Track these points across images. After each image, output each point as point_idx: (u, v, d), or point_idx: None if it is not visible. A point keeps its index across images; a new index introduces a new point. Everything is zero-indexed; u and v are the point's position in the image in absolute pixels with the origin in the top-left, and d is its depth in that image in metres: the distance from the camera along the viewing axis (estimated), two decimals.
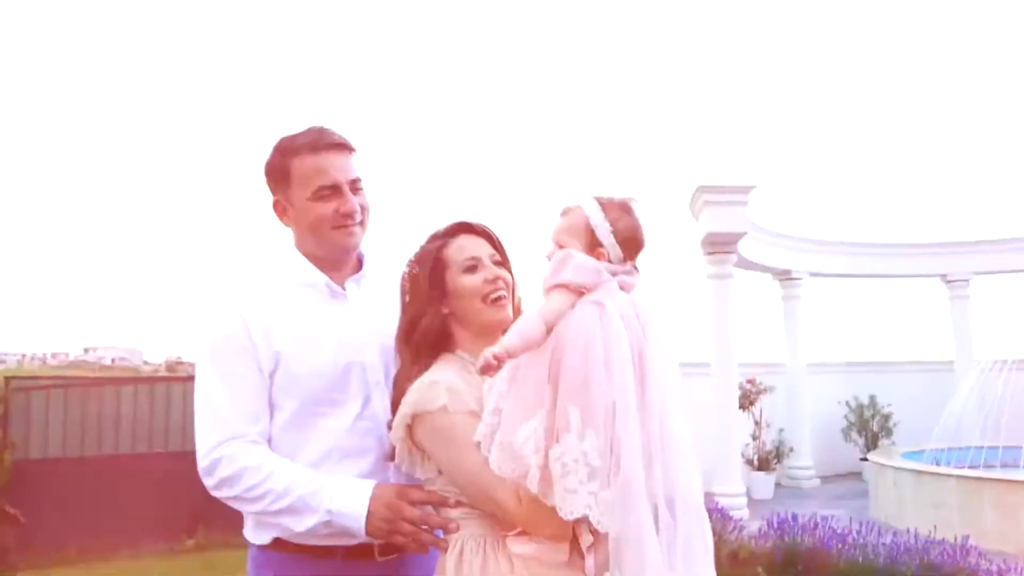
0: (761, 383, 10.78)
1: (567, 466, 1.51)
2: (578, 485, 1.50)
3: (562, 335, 1.61)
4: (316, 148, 1.96)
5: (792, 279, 11.73)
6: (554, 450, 1.53)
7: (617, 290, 1.71)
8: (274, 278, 2.02)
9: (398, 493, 1.76)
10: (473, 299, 1.83)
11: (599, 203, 1.79)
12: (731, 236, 9.06)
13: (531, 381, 1.59)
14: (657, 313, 1.73)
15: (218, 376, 1.88)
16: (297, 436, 1.88)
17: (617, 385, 1.56)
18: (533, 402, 1.57)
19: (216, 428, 1.84)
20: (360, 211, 1.98)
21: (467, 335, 1.86)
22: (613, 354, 1.58)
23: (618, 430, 1.54)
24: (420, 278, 1.86)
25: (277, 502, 1.77)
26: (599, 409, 1.54)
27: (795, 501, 10.00)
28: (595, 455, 1.51)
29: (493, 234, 1.95)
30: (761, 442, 10.80)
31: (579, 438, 1.51)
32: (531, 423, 1.55)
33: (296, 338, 1.90)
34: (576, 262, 1.68)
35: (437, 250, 1.88)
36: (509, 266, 1.94)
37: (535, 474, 1.53)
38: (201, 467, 1.84)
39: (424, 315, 1.83)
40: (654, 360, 1.65)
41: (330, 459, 1.86)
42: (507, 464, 1.56)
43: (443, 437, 1.70)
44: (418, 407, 1.70)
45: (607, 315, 1.62)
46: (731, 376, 9.33)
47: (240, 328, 1.88)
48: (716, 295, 9.43)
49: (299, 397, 1.88)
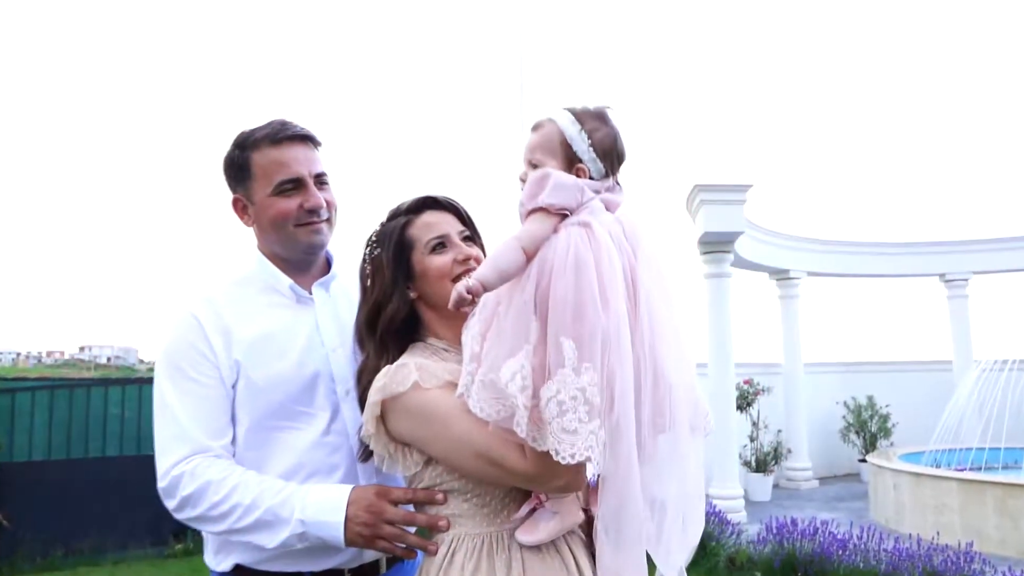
0: (759, 384, 10.68)
1: (564, 404, 1.36)
2: (578, 424, 1.36)
3: (548, 261, 1.47)
4: (277, 140, 1.82)
5: (790, 278, 11.62)
6: (547, 387, 1.38)
7: (603, 209, 1.58)
8: (236, 282, 1.88)
9: (378, 493, 1.62)
10: (443, 281, 1.67)
11: (573, 114, 1.64)
12: (728, 235, 8.93)
13: (513, 314, 1.45)
14: (646, 230, 1.59)
15: (176, 387, 1.73)
16: (256, 454, 1.74)
17: (612, 313, 1.42)
18: (517, 337, 1.43)
19: (176, 443, 1.70)
20: (327, 207, 1.85)
21: (438, 320, 1.71)
22: (606, 279, 1.44)
23: (612, 362, 1.41)
24: (383, 260, 1.71)
25: (245, 517, 1.62)
26: (596, 340, 1.40)
27: (793, 503, 9.94)
28: (594, 391, 1.37)
29: (461, 208, 1.79)
30: (759, 443, 10.69)
31: (575, 373, 1.38)
32: (517, 359, 1.41)
33: (255, 346, 1.76)
34: (555, 181, 1.53)
35: (400, 228, 1.72)
36: (481, 242, 1.79)
37: (523, 415, 1.38)
38: (161, 487, 1.69)
39: (389, 301, 1.68)
40: (646, 283, 1.51)
41: (295, 477, 1.71)
42: (490, 406, 1.42)
43: (422, 415, 1.54)
44: (387, 391, 1.54)
45: (596, 237, 1.48)
46: (728, 377, 9.21)
47: (198, 335, 1.75)
48: (713, 295, 9.30)
49: (258, 410, 1.74)
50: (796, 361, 11.57)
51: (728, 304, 9.31)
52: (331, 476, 1.73)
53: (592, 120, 1.63)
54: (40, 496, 7.71)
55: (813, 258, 11.69)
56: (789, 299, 11.76)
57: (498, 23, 11.24)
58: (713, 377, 9.14)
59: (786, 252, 11.29)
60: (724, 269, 9.32)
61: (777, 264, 11.18)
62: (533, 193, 1.54)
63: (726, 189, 8.77)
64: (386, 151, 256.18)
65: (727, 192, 8.76)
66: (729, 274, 9.42)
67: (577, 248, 1.46)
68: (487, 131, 19.18)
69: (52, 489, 7.77)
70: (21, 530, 7.42)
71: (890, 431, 11.71)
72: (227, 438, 1.73)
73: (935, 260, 12.14)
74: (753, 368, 11.05)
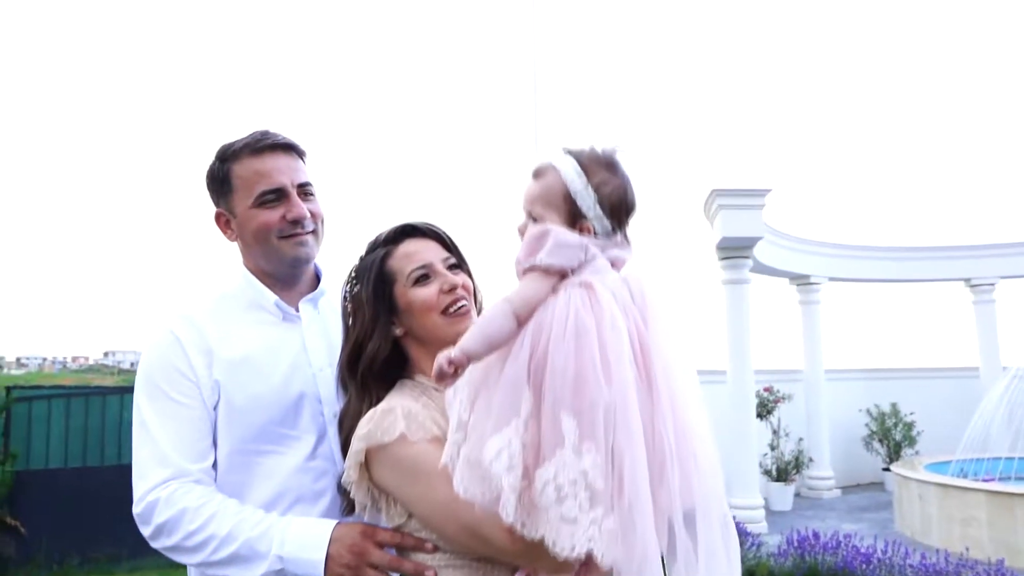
0: (779, 391, 10.50)
1: (563, 489, 1.23)
2: (579, 512, 1.22)
3: (545, 326, 1.34)
4: (257, 150, 1.75)
5: (810, 284, 11.42)
6: (544, 470, 1.25)
7: (608, 268, 1.44)
8: (220, 299, 1.80)
9: (363, 533, 1.52)
10: (429, 314, 1.57)
11: (578, 162, 1.48)
12: (746, 241, 8.79)
13: (504, 384, 1.31)
14: (657, 292, 1.45)
15: (155, 407, 1.66)
16: (238, 478, 1.66)
17: (616, 385, 1.29)
18: (506, 410, 1.30)
19: (154, 467, 1.62)
20: (311, 218, 1.76)
21: (427, 357, 1.56)
22: (609, 346, 1.31)
23: (619, 440, 1.27)
24: (362, 296, 1.60)
25: (221, 549, 1.54)
26: (598, 416, 1.26)
27: (815, 513, 9.76)
28: (596, 475, 1.23)
29: (443, 233, 1.67)
30: (779, 452, 10.49)
31: (576, 453, 1.24)
32: (504, 434, 1.28)
33: (236, 366, 1.68)
34: (555, 240, 1.40)
35: (380, 261, 1.61)
36: (467, 267, 1.68)
37: (509, 498, 1.25)
38: (136, 513, 1.61)
39: (370, 339, 1.57)
40: (659, 348, 1.38)
41: (278, 505, 1.63)
42: (475, 485, 1.29)
43: (406, 471, 1.44)
44: (372, 440, 1.44)
45: (598, 299, 1.35)
46: (747, 384, 9.05)
47: (178, 354, 1.67)
48: (731, 301, 9.16)
49: (239, 433, 1.66)
50: (817, 368, 11.37)
51: (747, 310, 9.16)
52: (316, 503, 1.65)
53: (600, 171, 1.48)
54: (56, 504, 7.73)
55: (834, 263, 11.48)
56: (810, 305, 11.56)
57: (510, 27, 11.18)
58: (732, 384, 9.01)
59: (807, 257, 11.10)
60: (743, 275, 9.17)
61: (797, 269, 10.99)
62: (531, 251, 1.41)
63: (744, 194, 8.63)
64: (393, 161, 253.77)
65: (745, 197, 8.62)
66: (748, 280, 9.27)
67: (578, 312, 1.33)
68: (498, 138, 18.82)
69: (68, 497, 7.79)
70: (37, 538, 7.45)
71: (915, 439, 11.45)
72: (208, 461, 1.66)
73: (961, 264, 11.88)
74: (773, 375, 10.87)
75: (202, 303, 1.79)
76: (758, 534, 7.29)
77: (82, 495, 7.79)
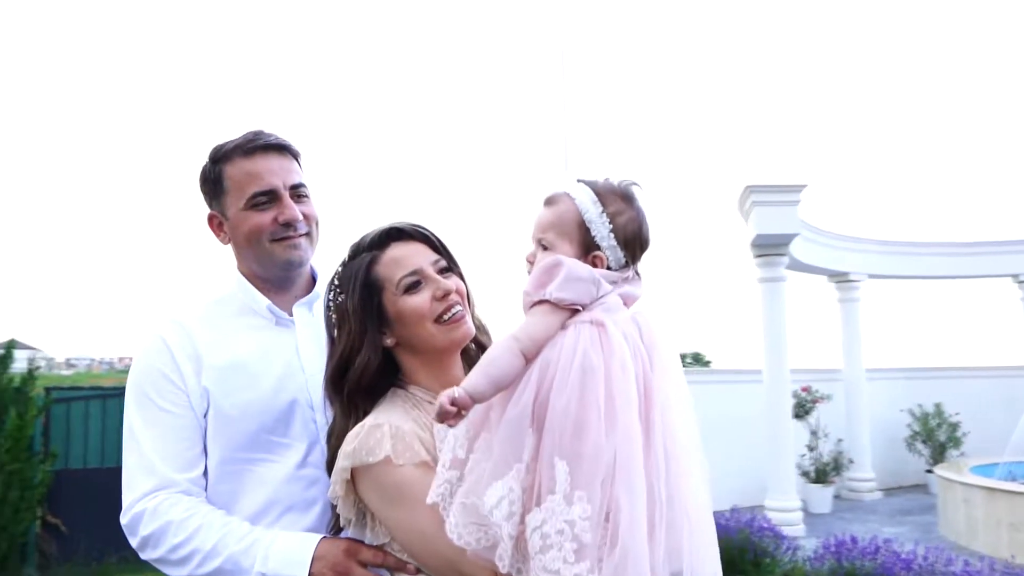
0: (817, 391, 10.26)
1: (548, 538, 1.16)
2: (561, 565, 1.15)
3: (551, 365, 1.26)
4: (249, 151, 1.71)
5: (850, 281, 11.15)
6: (533, 515, 1.19)
7: (620, 306, 1.36)
8: (212, 304, 1.76)
9: (346, 552, 1.47)
10: (423, 323, 1.48)
11: (594, 191, 1.41)
12: (782, 238, 8.60)
13: (506, 427, 1.24)
14: (663, 333, 1.37)
15: (143, 415, 1.63)
16: (228, 488, 1.62)
17: (620, 431, 1.21)
18: (507, 454, 1.22)
19: (141, 477, 1.59)
20: (305, 220, 1.72)
21: (422, 368, 1.52)
22: (616, 390, 1.23)
23: (617, 491, 1.19)
24: (348, 307, 1.49)
25: (205, 564, 1.50)
26: (595, 465, 1.19)
27: (855, 515, 9.53)
28: (585, 527, 1.16)
29: (431, 234, 1.57)
30: (818, 453, 10.25)
31: (567, 502, 1.17)
32: (505, 481, 1.20)
33: (225, 372, 1.63)
34: (567, 272, 1.32)
35: (365, 268, 1.50)
36: (458, 269, 1.59)
37: (507, 547, 1.18)
38: (123, 523, 1.59)
39: (357, 353, 1.47)
40: (662, 395, 1.29)
41: (268, 514, 1.59)
42: (471, 532, 1.22)
43: (389, 495, 1.37)
44: (357, 458, 1.37)
45: (609, 339, 1.27)
46: (783, 384, 8.86)
47: (166, 360, 1.64)
48: (767, 299, 8.98)
49: (228, 441, 1.62)
50: (857, 367, 11.09)
51: (783, 309, 8.97)
52: (307, 512, 1.60)
53: (616, 201, 1.41)
54: (94, 503, 7.84)
55: (874, 260, 11.18)
56: (849, 303, 11.29)
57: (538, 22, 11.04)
58: (768, 384, 8.83)
59: (845, 254, 10.84)
60: (778, 273, 8.98)
61: (836, 267, 10.74)
62: (541, 283, 1.33)
63: (779, 190, 8.46)
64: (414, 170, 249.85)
65: (780, 193, 8.45)
66: (784, 278, 9.08)
67: (586, 352, 1.25)
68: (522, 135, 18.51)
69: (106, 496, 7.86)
70: (76, 535, 7.57)
71: (960, 440, 11.09)
72: (197, 471, 1.62)
73: (1007, 260, 11.49)
74: (811, 375, 10.63)
75: (194, 308, 1.76)
76: (794, 537, 7.13)
77: (119, 494, 7.89)
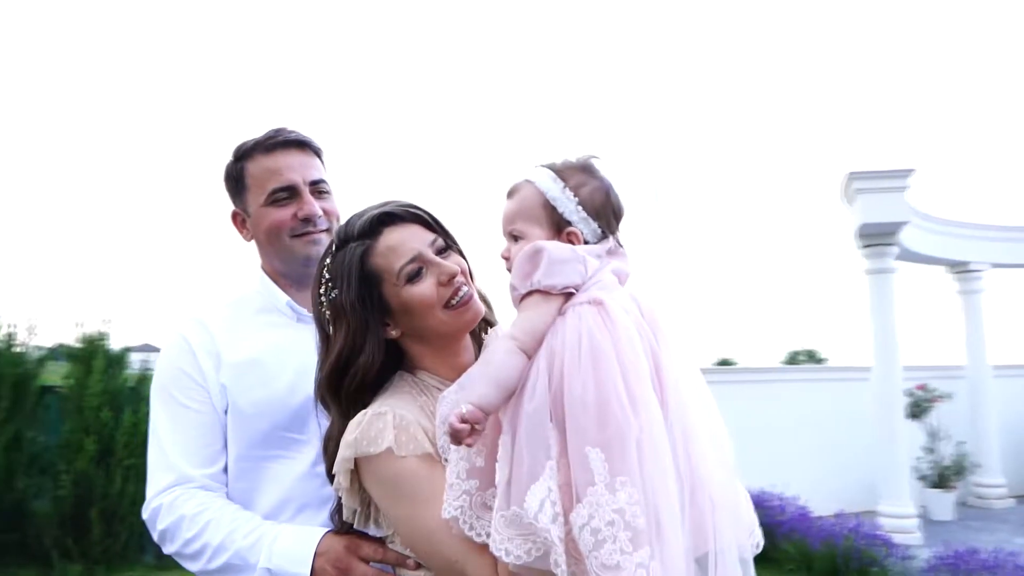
0: (935, 389, 9.56)
1: (599, 532, 1.10)
2: (621, 557, 1.09)
3: (557, 353, 1.22)
4: (269, 148, 1.74)
5: (970, 271, 10.33)
6: (577, 512, 1.13)
7: (615, 284, 1.32)
8: (234, 302, 1.81)
9: (348, 548, 1.47)
10: (431, 312, 1.41)
11: (553, 170, 1.40)
12: (889, 226, 8.07)
13: (527, 423, 1.19)
14: (662, 309, 1.32)
15: (165, 412, 1.68)
16: (245, 485, 1.65)
17: (643, 410, 1.16)
18: (536, 453, 1.16)
19: (160, 472, 1.65)
20: (325, 216, 1.73)
21: (431, 354, 1.47)
22: (630, 368, 1.19)
23: (649, 472, 1.14)
24: (344, 302, 1.41)
25: (215, 558, 1.54)
26: (627, 446, 1.14)
27: (983, 524, 8.84)
28: (636, 512, 1.11)
29: (423, 213, 1.48)
30: (938, 456, 9.56)
31: (609, 490, 1.12)
32: (542, 481, 1.14)
33: (241, 370, 1.66)
34: (549, 255, 1.28)
35: (359, 260, 1.41)
36: (457, 246, 1.51)
37: (559, 551, 1.12)
38: (144, 517, 1.65)
39: (360, 351, 1.40)
40: (672, 370, 1.24)
41: (285, 511, 1.61)
42: (519, 546, 1.15)
43: (390, 489, 1.33)
44: (359, 448, 1.33)
45: (612, 317, 1.23)
46: (895, 382, 8.31)
47: (188, 358, 1.69)
48: (875, 292, 8.45)
49: (245, 438, 1.64)
50: (981, 363, 10.25)
51: (892, 302, 8.42)
52: (322, 509, 1.60)
53: (576, 174, 1.40)
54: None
55: (998, 248, 10.29)
56: (971, 294, 10.46)
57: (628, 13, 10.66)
58: (877, 382, 8.32)
59: (964, 242, 10.04)
60: (887, 264, 8.44)
61: (953, 256, 9.98)
62: (525, 273, 1.29)
63: (885, 175, 7.95)
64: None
65: (886, 179, 7.93)
66: (893, 269, 8.52)
67: (591, 333, 1.21)
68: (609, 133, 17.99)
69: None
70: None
71: None
72: (216, 466, 1.66)
73: None
74: (928, 372, 9.93)
75: (217, 306, 1.81)
76: (908, 546, 6.67)
77: None
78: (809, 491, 8.00)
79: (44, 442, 7.34)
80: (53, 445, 7.23)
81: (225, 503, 1.62)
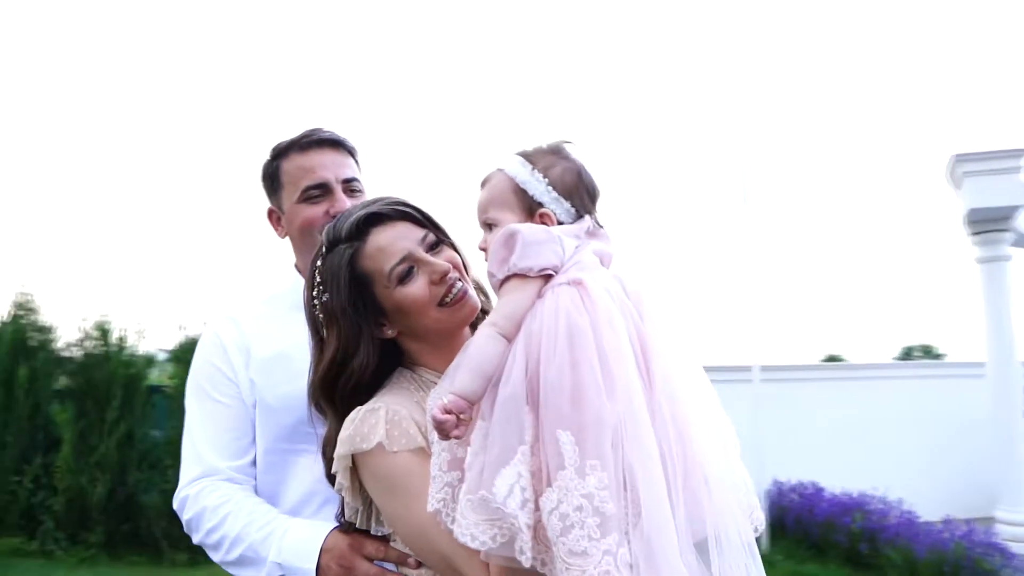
0: None
1: (567, 517, 1.08)
2: (587, 543, 1.07)
3: (534, 335, 1.19)
4: (304, 146, 1.78)
5: None
6: (546, 497, 1.10)
7: (596, 264, 1.29)
8: (266, 300, 1.86)
9: (351, 545, 1.48)
10: (426, 311, 1.40)
11: (522, 156, 1.39)
12: (1001, 211, 7.51)
13: (502, 408, 1.17)
14: (649, 287, 1.28)
15: (198, 406, 1.75)
16: (273, 478, 1.69)
17: (621, 392, 1.13)
18: (509, 437, 1.14)
19: (189, 464, 1.72)
20: None
21: (428, 351, 1.46)
22: (608, 349, 1.15)
23: (630, 455, 1.11)
24: (336, 306, 1.40)
25: (232, 550, 1.59)
26: (601, 430, 1.11)
27: None
28: (604, 497, 1.08)
29: (411, 209, 1.45)
30: None
31: (579, 474, 1.09)
32: (512, 466, 1.12)
33: (268, 365, 1.70)
34: (524, 238, 1.26)
35: (348, 263, 1.40)
36: (450, 239, 1.49)
37: (526, 538, 1.10)
38: (174, 507, 1.72)
39: (355, 354, 1.39)
40: (659, 350, 1.20)
41: (309, 505, 1.64)
42: (484, 531, 1.13)
43: (383, 485, 1.33)
44: (353, 445, 1.33)
45: (591, 297, 1.20)
46: (1012, 377, 7.72)
47: (219, 354, 1.75)
48: (988, 282, 7.88)
49: (271, 432, 1.69)
50: None
51: (1008, 291, 7.83)
52: None
53: (545, 157, 1.39)
54: None
55: None
56: None
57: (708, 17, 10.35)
58: (992, 378, 7.77)
59: None
60: (1001, 251, 7.86)
61: None
62: (501, 258, 1.28)
63: (994, 156, 7.42)
64: None
65: (996, 160, 7.40)
66: (1008, 256, 7.93)
67: (568, 313, 1.18)
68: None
69: None
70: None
71: None
72: (244, 459, 1.71)
73: None
74: None
75: (251, 303, 1.87)
76: None
77: None
78: (914, 494, 7.56)
79: (153, 439, 7.81)
80: (161, 442, 7.69)
81: (246, 496, 1.66)
